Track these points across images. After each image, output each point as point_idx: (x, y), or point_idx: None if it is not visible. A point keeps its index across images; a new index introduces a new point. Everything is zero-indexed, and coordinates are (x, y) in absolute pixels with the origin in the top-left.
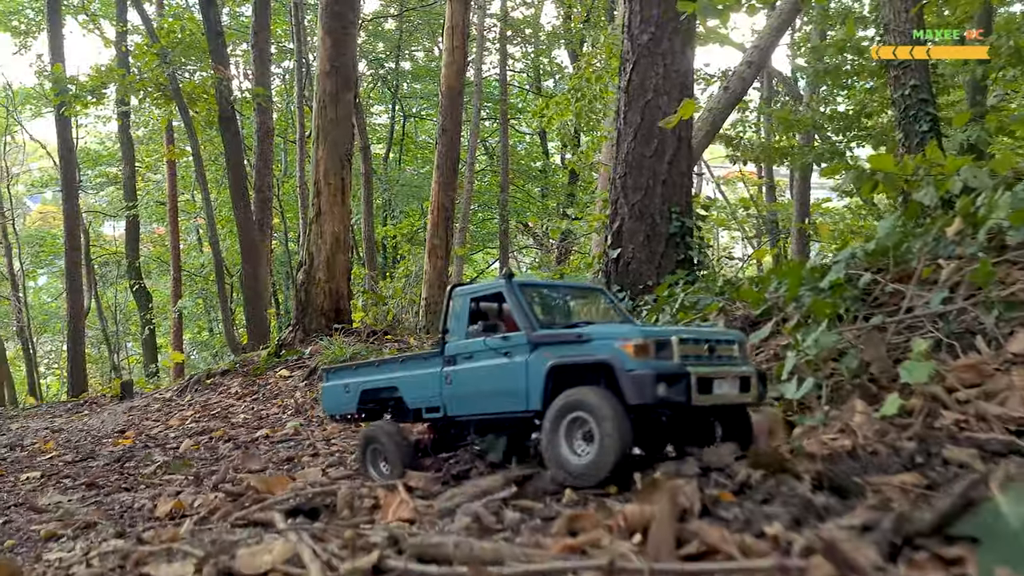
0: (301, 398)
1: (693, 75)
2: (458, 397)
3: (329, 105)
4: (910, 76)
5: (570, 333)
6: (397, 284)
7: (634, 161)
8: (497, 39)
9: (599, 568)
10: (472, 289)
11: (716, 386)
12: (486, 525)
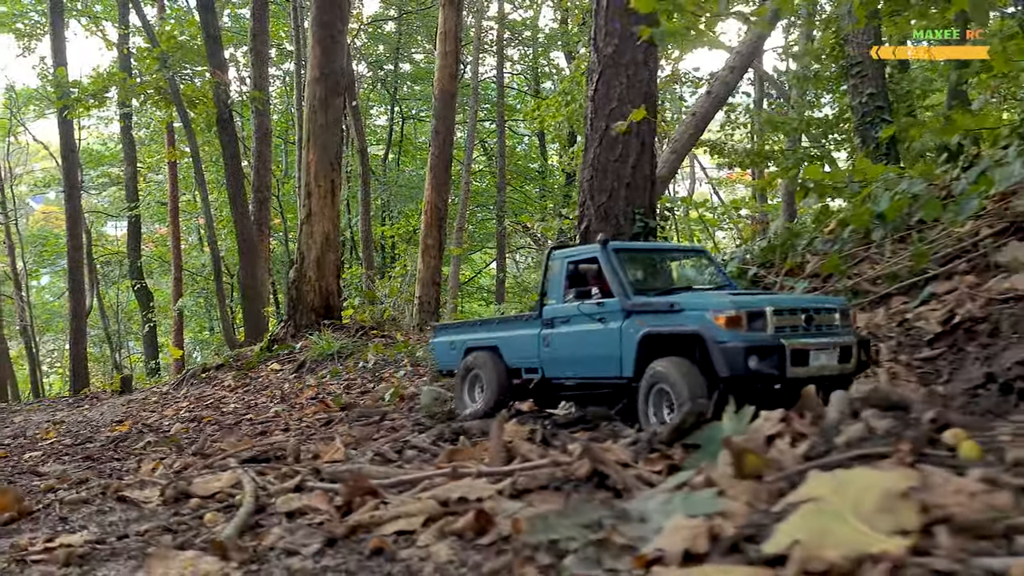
0: (289, 388)
1: (656, 85)
2: (555, 360)
3: (319, 110)
4: (867, 84)
5: (663, 302)
6: (393, 283)
7: (600, 165)
8: (494, 42)
9: (446, 474)
10: (569, 253)
11: (813, 358)
12: (387, 458)
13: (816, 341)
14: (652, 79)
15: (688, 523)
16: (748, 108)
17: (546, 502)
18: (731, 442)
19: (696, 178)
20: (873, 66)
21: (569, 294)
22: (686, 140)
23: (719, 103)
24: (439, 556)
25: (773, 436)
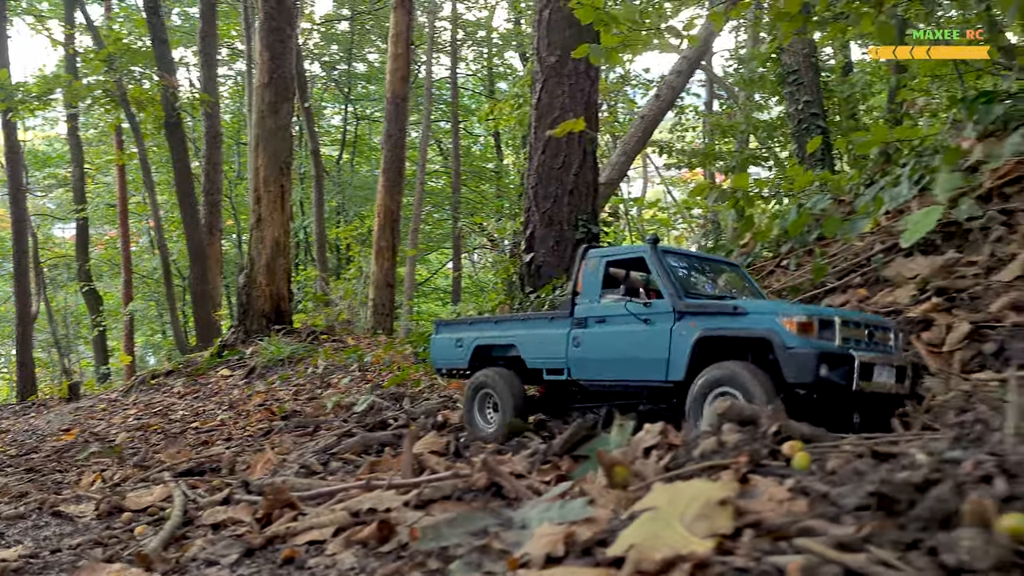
0: (238, 395)
1: (597, 94)
2: (587, 361)
3: (268, 115)
4: (803, 92)
5: (724, 304)
6: (348, 286)
7: (544, 172)
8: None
9: (360, 487)
10: (608, 252)
11: (876, 373)
12: (312, 470)
13: (880, 356)
14: (593, 89)
15: (552, 529)
16: (697, 110)
17: (447, 511)
18: (602, 455)
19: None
20: (808, 74)
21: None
22: (635, 142)
23: (667, 106)
24: (343, 564)
25: (651, 448)
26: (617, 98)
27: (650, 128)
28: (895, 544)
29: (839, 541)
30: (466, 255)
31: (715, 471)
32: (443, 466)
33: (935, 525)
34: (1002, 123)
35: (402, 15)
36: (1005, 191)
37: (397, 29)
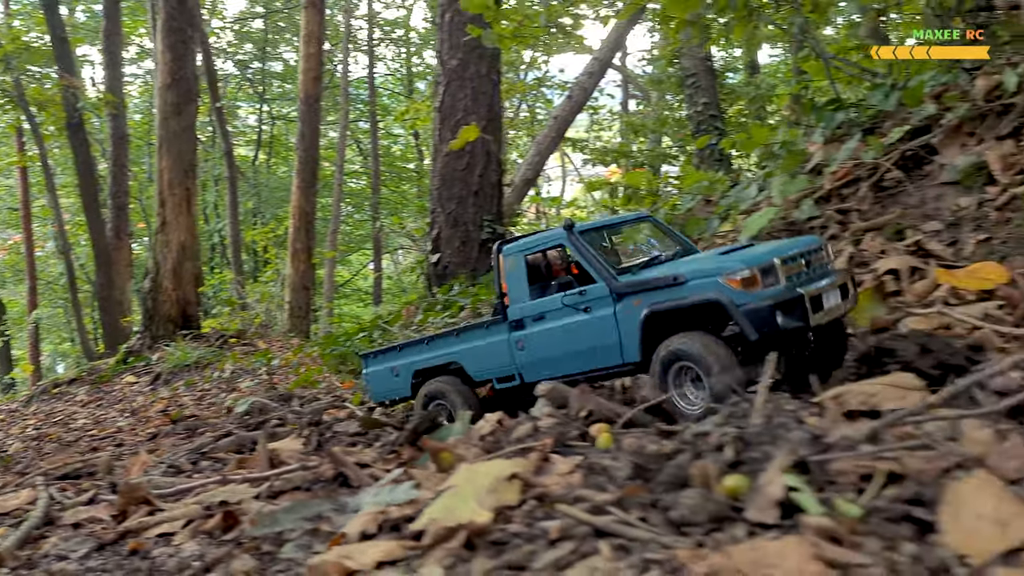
0: (142, 402)
1: (500, 97)
2: (536, 362)
3: (171, 117)
4: (701, 94)
5: (661, 277)
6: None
7: (448, 174)
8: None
9: (216, 481)
10: (524, 245)
11: (825, 300)
12: (181, 469)
13: (824, 284)
14: (496, 91)
15: (370, 511)
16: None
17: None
18: (427, 442)
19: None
20: (706, 77)
21: (536, 290)
22: (549, 142)
23: (578, 106)
24: (185, 551)
25: (488, 435)
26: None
27: (563, 128)
28: (642, 506)
29: (595, 505)
30: (388, 255)
31: (526, 452)
32: (294, 459)
33: (674, 488)
34: (845, 129)
35: (313, 15)
36: (842, 192)
37: (309, 29)
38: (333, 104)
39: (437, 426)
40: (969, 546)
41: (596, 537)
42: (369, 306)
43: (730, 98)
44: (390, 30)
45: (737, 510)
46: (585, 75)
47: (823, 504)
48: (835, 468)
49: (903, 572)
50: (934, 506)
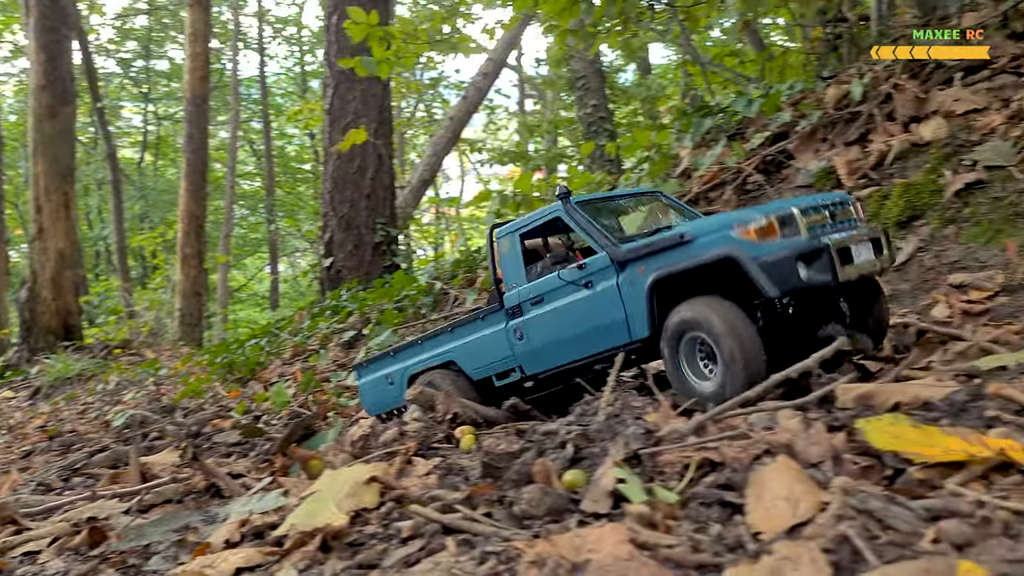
0: (21, 417)
1: (390, 99)
2: (537, 351)
3: (46, 120)
4: (591, 96)
5: (667, 237)
6: (153, 296)
7: (340, 177)
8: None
9: (86, 498)
10: (518, 225)
11: (855, 253)
12: (51, 487)
13: (852, 235)
14: (386, 94)
15: (235, 520)
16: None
17: (166, 514)
18: (296, 451)
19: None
20: (595, 80)
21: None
22: (445, 142)
23: (474, 106)
24: (51, 568)
25: (358, 440)
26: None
27: (459, 128)
28: (489, 502)
29: (445, 504)
30: (285, 258)
31: (392, 456)
32: (166, 472)
33: (519, 484)
34: (713, 134)
35: (198, 12)
36: (709, 195)
37: (194, 27)
38: (223, 104)
39: (311, 434)
40: (764, 524)
41: (444, 534)
42: (266, 311)
43: (623, 98)
44: (282, 27)
45: (575, 502)
46: (480, 75)
47: (647, 492)
48: (664, 459)
49: (705, 550)
50: (743, 489)
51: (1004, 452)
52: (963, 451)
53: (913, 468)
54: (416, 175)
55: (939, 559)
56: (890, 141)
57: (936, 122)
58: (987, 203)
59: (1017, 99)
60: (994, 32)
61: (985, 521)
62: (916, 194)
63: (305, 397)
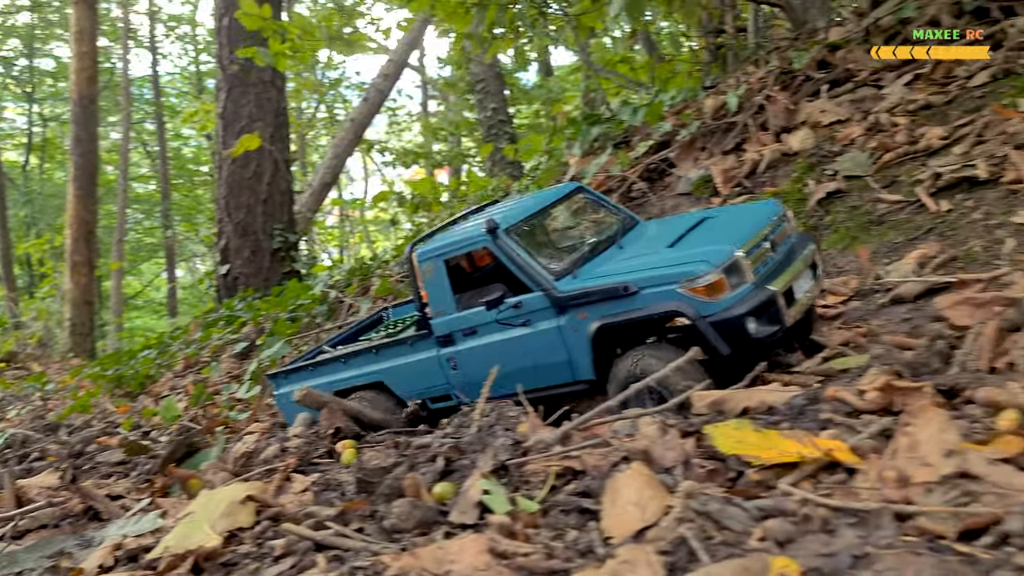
0: None
1: (285, 102)
2: (477, 383)
3: None
4: (490, 99)
5: (609, 287)
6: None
7: (235, 183)
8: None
9: None
10: (441, 248)
11: (797, 289)
12: None
13: (793, 269)
14: (281, 97)
15: (109, 544)
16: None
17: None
18: (174, 471)
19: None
20: (495, 83)
21: (462, 299)
22: (346, 144)
23: (375, 108)
24: None
25: (240, 458)
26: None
27: (360, 130)
28: (362, 517)
29: (318, 521)
30: (183, 264)
31: (271, 473)
32: (42, 496)
33: (391, 498)
34: (602, 142)
35: (84, 11)
36: None
37: (80, 26)
38: (114, 104)
39: (193, 452)
40: (616, 528)
41: (316, 551)
42: (164, 319)
43: (525, 99)
44: (175, 25)
45: (444, 514)
46: (380, 77)
47: (511, 502)
48: (529, 469)
49: (558, 556)
50: (600, 496)
51: (831, 453)
52: (796, 452)
53: (751, 470)
54: (317, 178)
55: (757, 556)
56: (763, 150)
57: (804, 132)
58: (845, 211)
59: (875, 111)
60: (856, 47)
61: (806, 518)
62: (784, 202)
63: (196, 411)
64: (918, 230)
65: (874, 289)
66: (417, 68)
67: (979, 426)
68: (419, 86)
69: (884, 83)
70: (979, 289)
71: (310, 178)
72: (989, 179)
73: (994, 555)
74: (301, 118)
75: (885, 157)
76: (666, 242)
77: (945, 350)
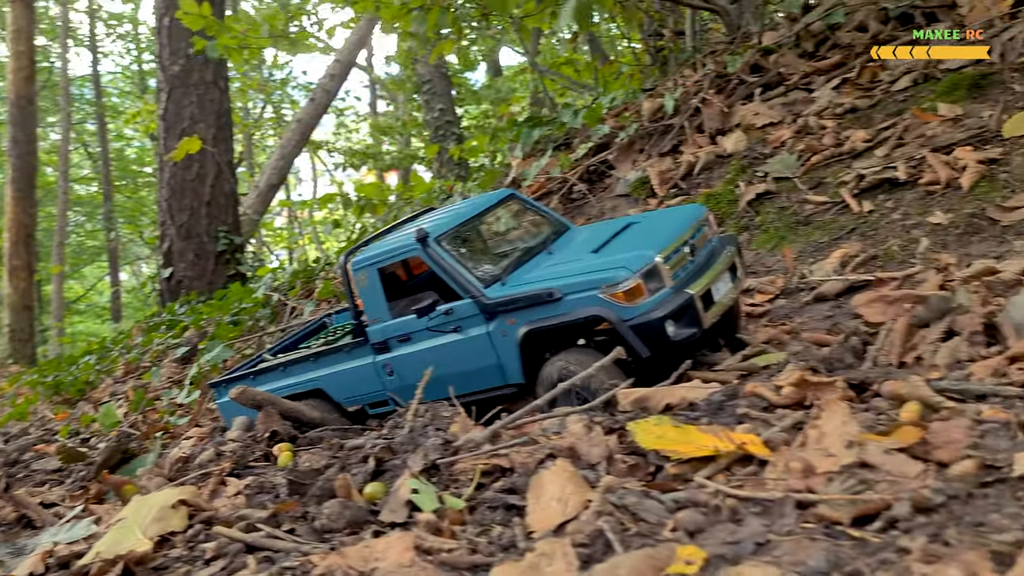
0: None
1: (229, 103)
2: (411, 387)
3: None
4: (437, 100)
5: (535, 293)
6: None
7: (177, 185)
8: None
9: None
10: (375, 257)
11: (715, 292)
12: None
13: (712, 273)
14: (224, 98)
15: (40, 551)
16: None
17: None
18: (107, 477)
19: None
20: (441, 83)
21: (396, 307)
22: (293, 146)
23: (322, 108)
24: None
25: (176, 463)
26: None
27: (307, 131)
28: (293, 519)
29: (250, 523)
30: (128, 267)
31: (206, 477)
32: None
33: (323, 499)
34: (543, 144)
35: (21, 9)
36: None
37: (17, 24)
38: (53, 104)
39: (129, 458)
40: (539, 523)
41: (247, 552)
42: (108, 323)
43: (474, 99)
44: (116, 24)
45: (375, 514)
46: (327, 77)
47: (440, 500)
48: (459, 468)
49: (481, 551)
50: (525, 492)
51: (745, 446)
52: (712, 446)
53: (670, 464)
54: (263, 179)
55: (664, 546)
56: (698, 152)
57: (737, 135)
58: (774, 212)
59: (805, 114)
60: (787, 51)
61: (716, 509)
62: (717, 203)
63: (136, 417)
64: (841, 230)
65: (799, 288)
66: (365, 68)
67: (884, 418)
68: (367, 86)
69: (814, 87)
70: (894, 287)
71: (257, 179)
72: (908, 180)
73: (882, 538)
74: (247, 119)
75: (813, 159)
76: (591, 248)
77: (859, 346)
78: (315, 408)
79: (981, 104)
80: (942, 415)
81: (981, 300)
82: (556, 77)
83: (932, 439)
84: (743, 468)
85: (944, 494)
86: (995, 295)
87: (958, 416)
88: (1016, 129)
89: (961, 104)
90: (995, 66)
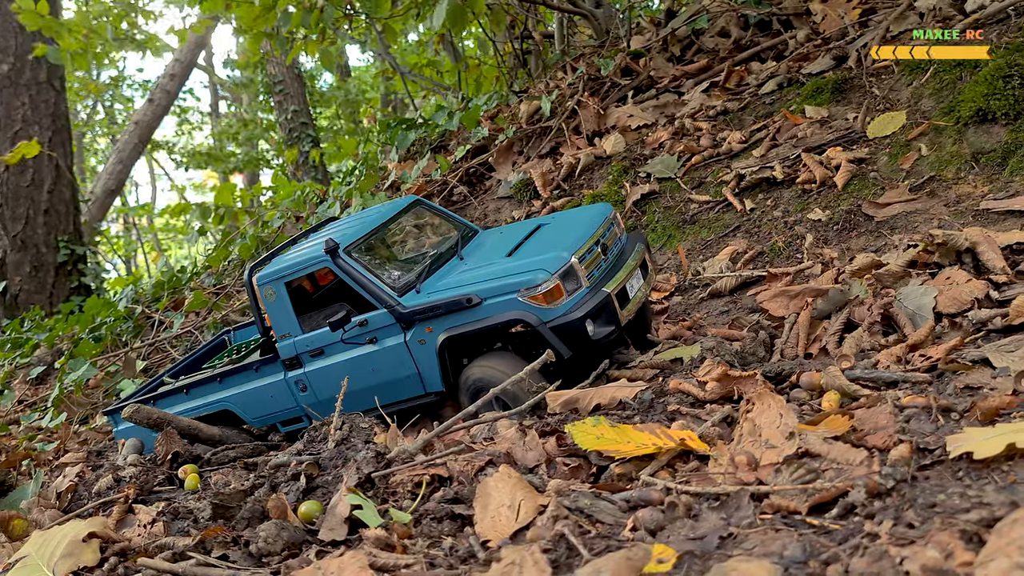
0: None
1: (66, 105)
2: (327, 402)
3: None
4: (290, 102)
5: (453, 300)
6: None
7: (11, 192)
8: None
9: None
10: (281, 271)
11: (630, 289)
12: None
13: (625, 270)
14: (60, 99)
15: None
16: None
17: None
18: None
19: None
20: (294, 84)
21: (307, 321)
22: (132, 149)
23: (163, 110)
24: None
25: (66, 491)
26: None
27: (146, 133)
28: (224, 544)
29: (176, 552)
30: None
31: (108, 506)
32: None
33: (254, 522)
34: (419, 147)
35: None
36: None
37: None
38: None
39: (8, 489)
40: (491, 531)
41: None
42: None
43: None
44: None
45: (312, 533)
46: (167, 77)
47: (382, 515)
48: (395, 480)
49: (440, 564)
50: (471, 501)
51: (684, 442)
52: (652, 444)
53: (613, 464)
54: (100, 184)
55: (638, 546)
56: (578, 154)
57: (615, 137)
58: (661, 211)
59: (679, 116)
60: (656, 55)
61: (671, 506)
62: None
63: None
64: (727, 228)
65: (693, 284)
66: (205, 68)
67: (807, 408)
68: (207, 86)
69: (684, 90)
70: (787, 282)
71: (91, 185)
72: (785, 179)
73: (842, 525)
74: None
75: (692, 160)
76: (504, 251)
77: (767, 340)
78: (212, 426)
79: (844, 107)
80: (862, 403)
81: (873, 292)
82: (416, 79)
83: (860, 426)
84: (684, 464)
85: (893, 479)
86: (884, 287)
87: (879, 403)
88: (880, 130)
89: (826, 107)
90: (853, 72)
